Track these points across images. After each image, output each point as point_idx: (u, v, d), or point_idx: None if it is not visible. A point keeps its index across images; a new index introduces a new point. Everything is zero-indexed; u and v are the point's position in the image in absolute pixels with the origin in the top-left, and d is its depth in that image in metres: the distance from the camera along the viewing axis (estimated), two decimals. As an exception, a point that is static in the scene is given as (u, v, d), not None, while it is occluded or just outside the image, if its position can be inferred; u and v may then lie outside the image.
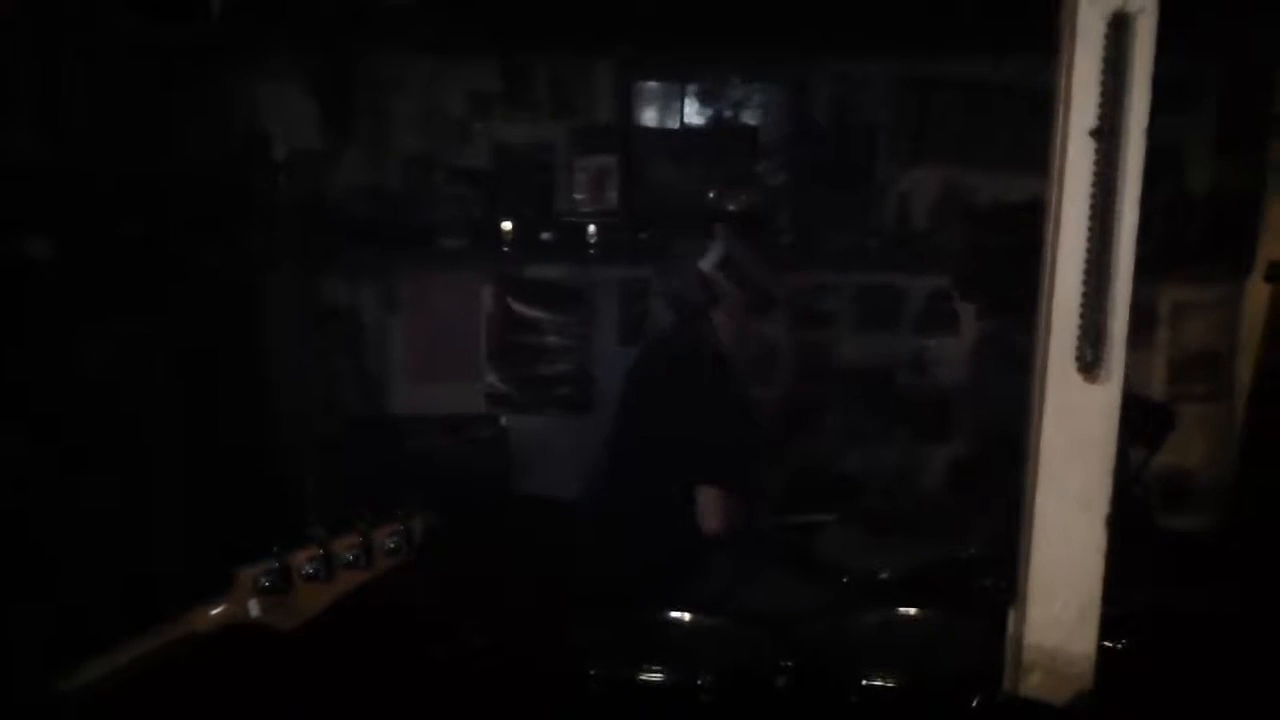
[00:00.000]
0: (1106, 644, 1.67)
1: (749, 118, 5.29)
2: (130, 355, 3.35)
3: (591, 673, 2.27)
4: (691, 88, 5.25)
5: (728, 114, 5.26)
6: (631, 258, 4.99)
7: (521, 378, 5.14)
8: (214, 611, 1.52)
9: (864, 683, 2.28)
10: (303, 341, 4.66)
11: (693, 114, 5.27)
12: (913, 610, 2.55)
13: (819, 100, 5.23)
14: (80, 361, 3.00)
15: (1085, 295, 1.64)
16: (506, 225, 4.96)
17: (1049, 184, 1.71)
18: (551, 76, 5.17)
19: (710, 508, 2.83)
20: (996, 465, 4.05)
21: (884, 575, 2.85)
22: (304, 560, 1.58)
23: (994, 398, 4.59)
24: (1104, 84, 1.58)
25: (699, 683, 2.30)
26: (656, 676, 2.33)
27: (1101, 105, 1.60)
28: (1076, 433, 1.68)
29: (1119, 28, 1.56)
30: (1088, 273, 1.62)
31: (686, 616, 2.57)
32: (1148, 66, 1.58)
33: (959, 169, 5.13)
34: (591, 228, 5.00)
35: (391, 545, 1.62)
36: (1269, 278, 3.89)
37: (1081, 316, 1.65)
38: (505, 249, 4.96)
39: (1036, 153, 4.41)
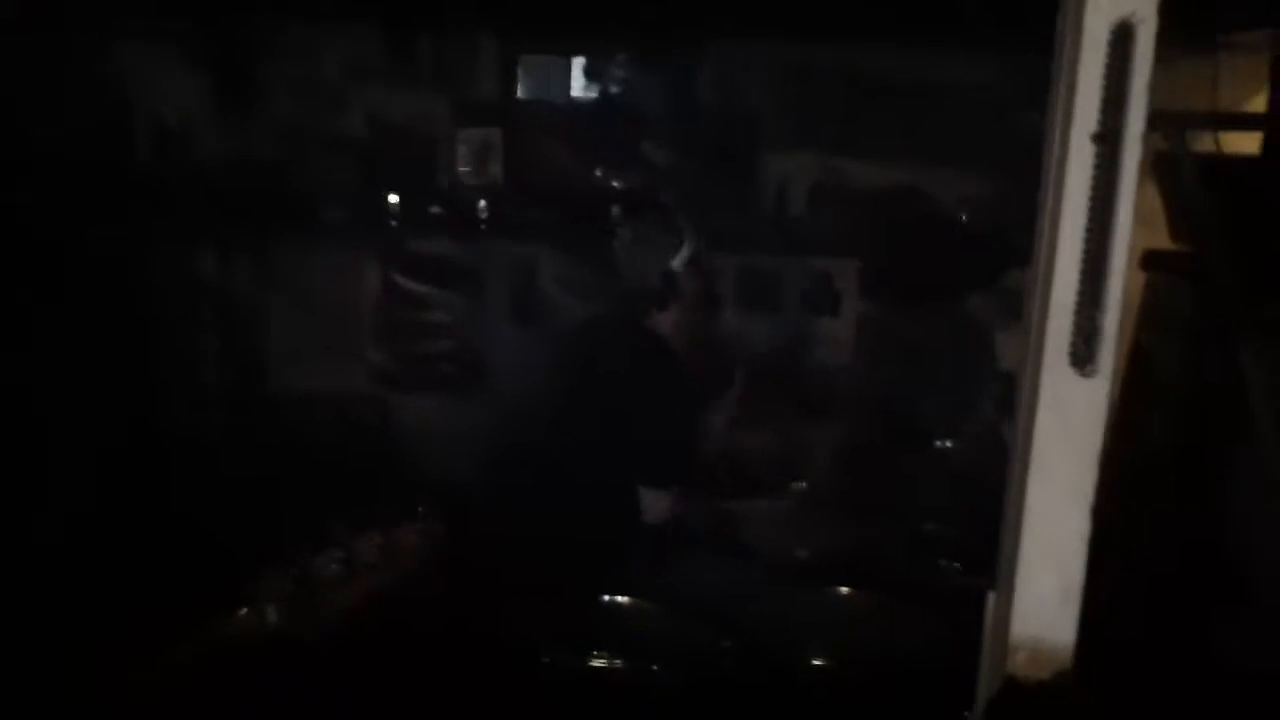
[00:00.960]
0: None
1: (635, 97, 5.29)
2: (12, 337, 3.16)
3: (544, 660, 2.26)
4: (577, 63, 5.23)
5: (614, 91, 5.26)
6: (519, 235, 4.95)
7: (407, 355, 5.04)
8: (236, 617, 1.46)
9: (812, 663, 2.34)
10: (182, 320, 4.46)
11: (579, 90, 5.25)
12: (849, 590, 2.62)
13: (704, 82, 5.27)
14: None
15: (1081, 294, 1.69)
16: (393, 199, 4.85)
17: (1044, 186, 1.75)
18: (434, 47, 5.08)
19: (653, 497, 2.85)
20: (882, 446, 4.21)
21: (802, 555, 2.92)
22: (325, 563, 1.53)
23: (876, 379, 4.73)
24: (1106, 91, 1.63)
25: (653, 668, 2.32)
26: (605, 663, 2.34)
27: (1103, 111, 1.65)
28: (1067, 424, 1.74)
29: (1122, 37, 1.61)
30: (1084, 272, 1.68)
31: (627, 601, 2.58)
32: (1147, 74, 1.64)
33: (836, 156, 5.24)
34: (482, 203, 4.93)
35: (412, 542, 1.58)
36: (1144, 265, 4.11)
37: (1077, 314, 1.70)
38: (392, 223, 4.84)
39: (910, 141, 4.59)
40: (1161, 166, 4.01)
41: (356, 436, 4.88)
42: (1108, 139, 1.64)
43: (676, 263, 3.01)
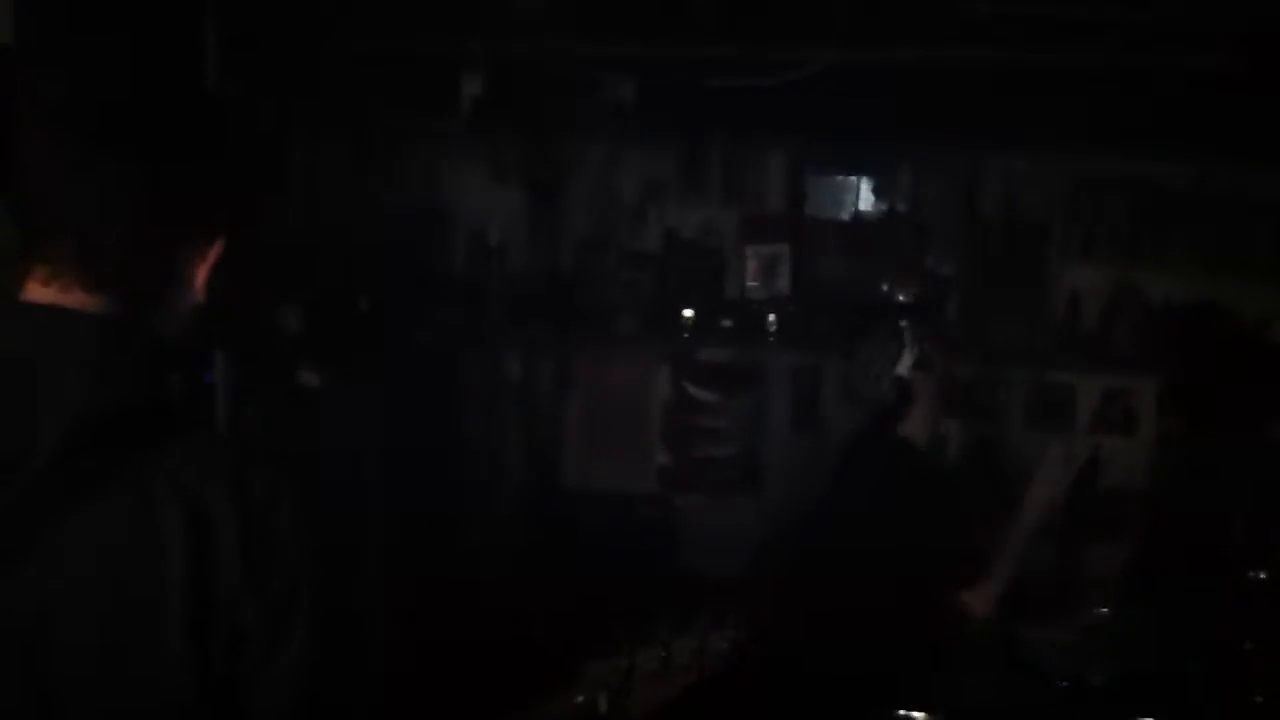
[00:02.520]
0: None
1: (919, 210, 5.36)
2: (350, 424, 3.50)
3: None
4: (863, 179, 5.36)
5: (899, 206, 5.34)
6: (803, 345, 5.08)
7: (693, 458, 5.21)
8: (572, 703, 1.59)
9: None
10: (487, 414, 4.80)
11: (864, 204, 5.37)
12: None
13: (989, 194, 5.29)
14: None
15: None
16: (686, 311, 5.08)
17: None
18: (725, 164, 5.32)
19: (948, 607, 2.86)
20: (1174, 571, 4.02)
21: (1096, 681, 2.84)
22: (647, 658, 1.64)
23: (1177, 503, 4.54)
24: None
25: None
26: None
27: None
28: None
29: None
30: None
31: (921, 716, 2.60)
32: None
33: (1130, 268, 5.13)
34: (770, 316, 5.10)
35: (722, 649, 1.67)
36: None
37: None
38: (685, 334, 5.07)
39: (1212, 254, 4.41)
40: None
41: (646, 534, 5.06)
42: None
43: (901, 369, 3.02)
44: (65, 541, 1.09)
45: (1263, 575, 3.09)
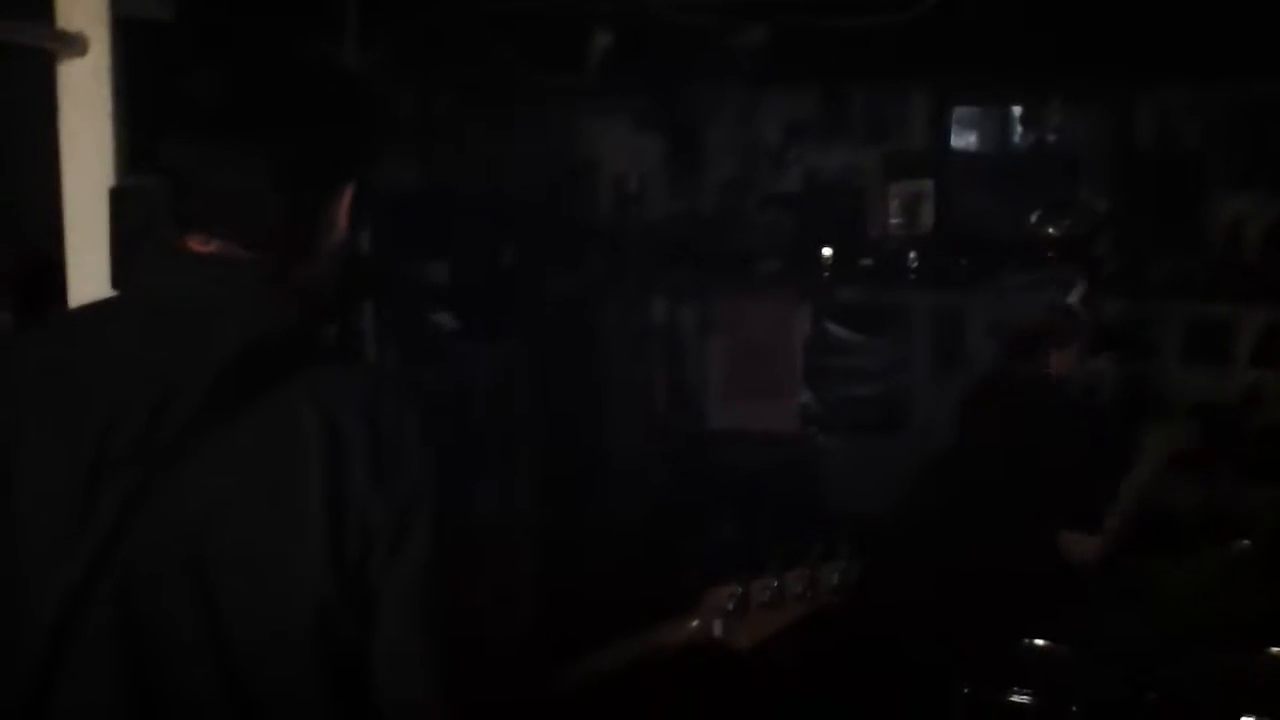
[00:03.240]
0: None
1: (1069, 143, 5.24)
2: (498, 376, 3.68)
3: (965, 691, 2.39)
4: (1009, 112, 5.27)
5: (1049, 138, 5.24)
6: (947, 283, 5.05)
7: (836, 398, 5.26)
8: (687, 627, 1.70)
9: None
10: (632, 359, 4.95)
11: (1011, 138, 5.28)
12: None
13: (1142, 125, 5.14)
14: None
15: None
16: (826, 251, 5.11)
17: None
18: (868, 103, 5.30)
19: (1075, 545, 2.88)
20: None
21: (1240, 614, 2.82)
22: (761, 588, 1.73)
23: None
24: None
25: (1072, 709, 2.38)
26: (1026, 699, 2.43)
27: None
28: None
29: None
30: None
31: (1048, 644, 2.64)
32: None
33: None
34: (911, 254, 5.08)
35: (835, 581, 1.75)
36: None
37: None
38: (825, 273, 5.10)
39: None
40: None
41: (785, 472, 5.15)
42: None
43: (1073, 297, 3.00)
44: (223, 451, 1.27)
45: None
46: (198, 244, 1.36)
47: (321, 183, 1.40)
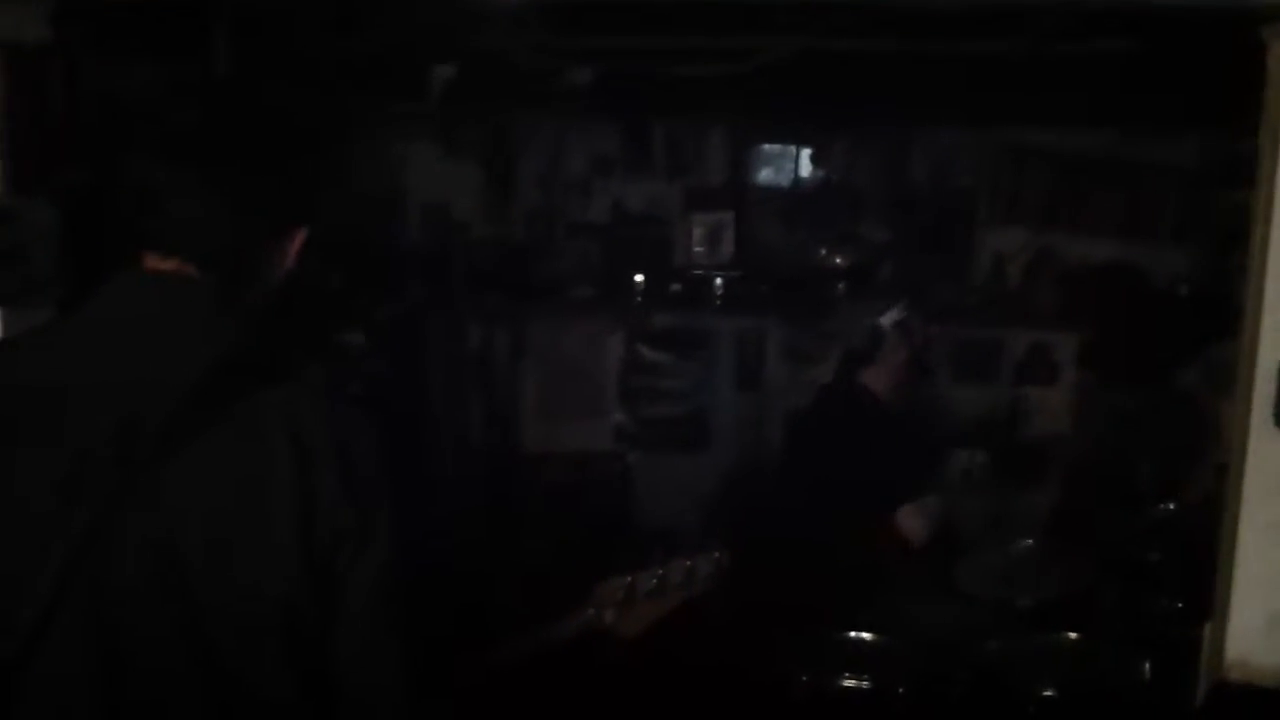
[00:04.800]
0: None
1: (853, 179, 5.66)
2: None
3: (803, 679, 2.64)
4: (802, 150, 5.65)
5: (834, 176, 5.65)
6: (748, 309, 5.38)
7: (646, 418, 5.50)
8: (584, 615, 1.88)
9: (1043, 694, 2.63)
10: (452, 382, 5.05)
11: (802, 175, 5.66)
12: (1076, 635, 2.90)
13: (919, 163, 5.61)
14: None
15: (1282, 361, 1.97)
16: (638, 277, 5.36)
17: (1250, 266, 2.04)
18: (672, 140, 5.58)
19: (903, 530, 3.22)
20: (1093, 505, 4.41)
21: (1026, 603, 3.19)
22: (647, 578, 1.93)
23: (1090, 445, 4.94)
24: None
25: (898, 691, 2.66)
26: (856, 684, 2.70)
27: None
28: (1270, 474, 2.02)
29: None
30: (1285, 342, 1.96)
31: (869, 635, 2.93)
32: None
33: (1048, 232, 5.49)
34: (718, 280, 5.39)
35: (710, 571, 1.97)
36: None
37: (1279, 383, 1.98)
38: (638, 298, 5.34)
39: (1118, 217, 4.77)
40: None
41: (599, 489, 5.35)
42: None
43: (885, 320, 3.36)
44: (195, 459, 1.37)
45: (1172, 506, 3.48)
46: (154, 261, 1.46)
47: (277, 217, 1.52)
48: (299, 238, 1.54)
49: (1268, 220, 1.99)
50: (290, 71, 3.12)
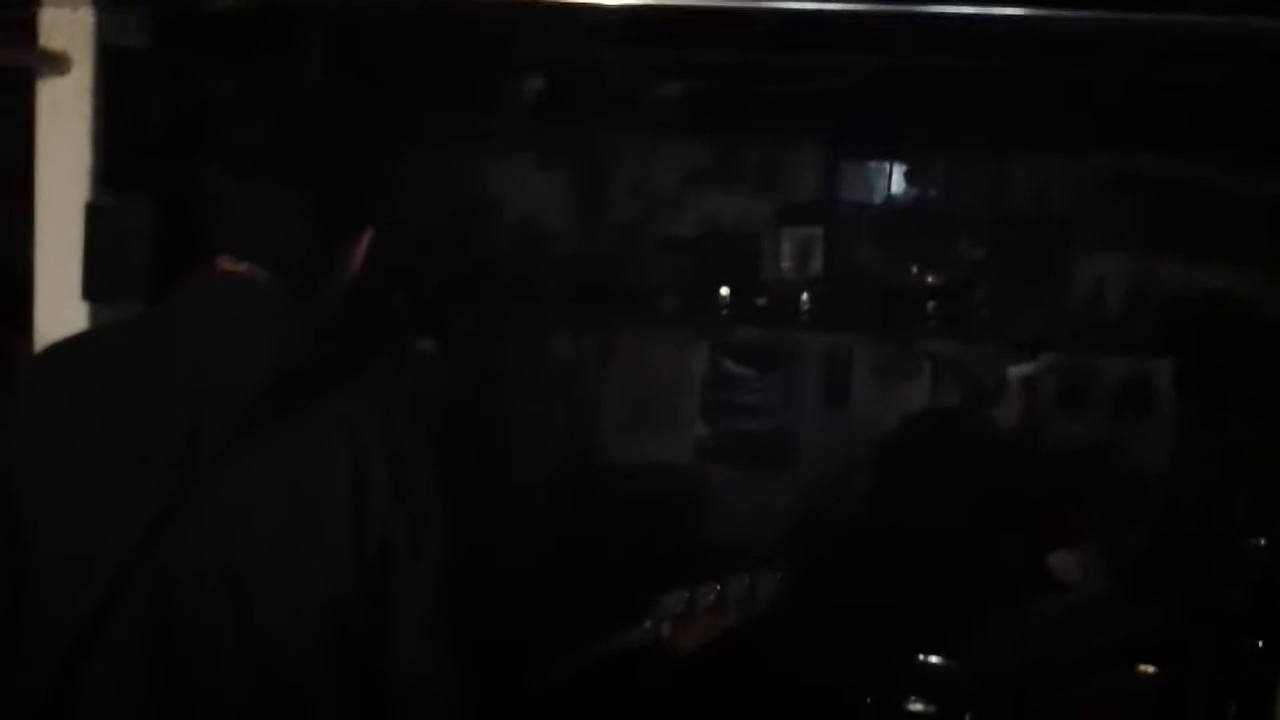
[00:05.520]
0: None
1: (948, 199, 5.59)
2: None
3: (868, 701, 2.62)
4: (895, 166, 5.59)
5: (930, 193, 5.58)
6: (835, 325, 5.34)
7: (728, 433, 5.48)
8: (640, 629, 1.88)
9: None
10: (537, 393, 5.11)
11: (896, 193, 5.61)
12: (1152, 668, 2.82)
13: (1017, 185, 5.52)
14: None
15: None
16: (724, 290, 5.36)
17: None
18: (761, 154, 5.56)
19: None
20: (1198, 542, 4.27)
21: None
22: (705, 593, 1.92)
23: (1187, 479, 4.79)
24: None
25: (966, 716, 2.61)
26: (922, 708, 2.66)
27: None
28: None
29: None
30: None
31: (936, 659, 2.88)
32: None
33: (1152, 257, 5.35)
34: (804, 295, 5.36)
35: (771, 588, 1.95)
36: None
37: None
38: (723, 311, 5.34)
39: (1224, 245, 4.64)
40: None
41: (680, 503, 5.34)
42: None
43: (1015, 371, 3.33)
44: (256, 464, 1.41)
45: (1263, 541, 3.36)
46: (228, 264, 1.50)
47: (347, 222, 1.55)
48: (366, 241, 1.57)
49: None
50: (379, 80, 3.20)
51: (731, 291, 5.42)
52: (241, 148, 1.50)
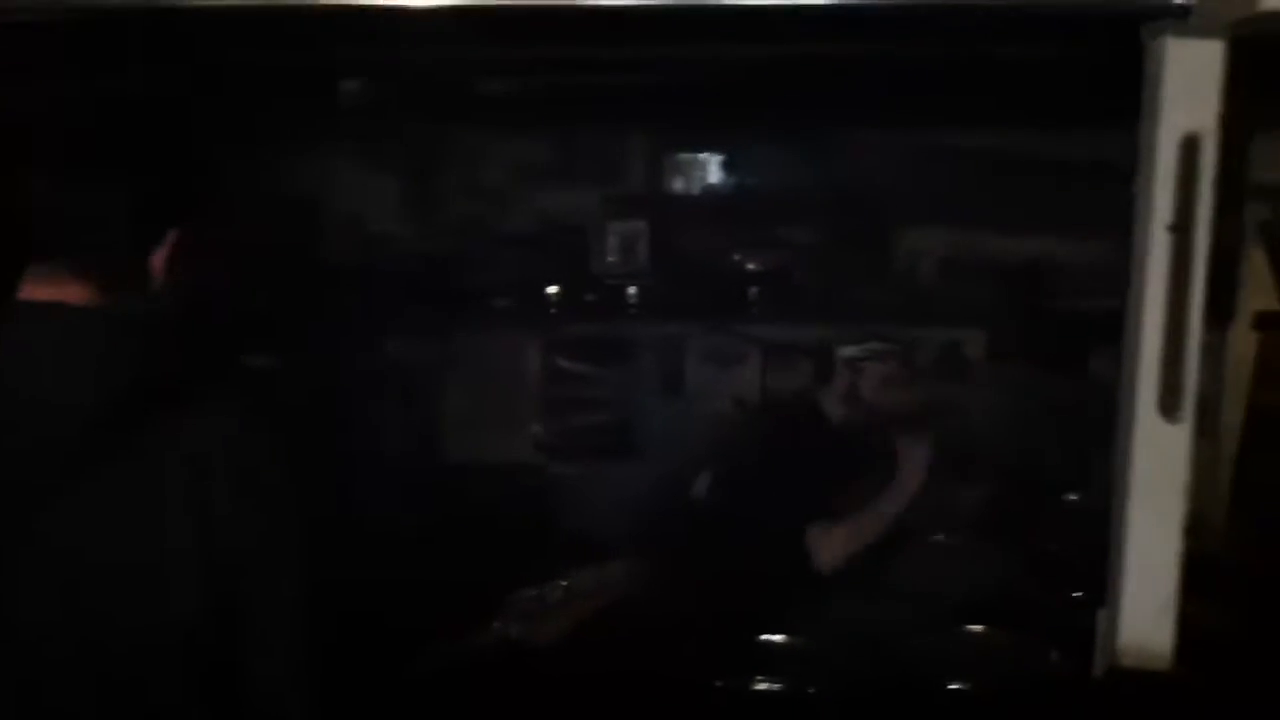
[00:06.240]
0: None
1: (767, 184, 5.71)
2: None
3: (718, 684, 2.67)
4: (717, 156, 5.69)
5: (750, 180, 5.69)
6: (665, 316, 5.41)
7: (567, 429, 5.50)
8: (491, 628, 1.89)
9: (955, 687, 2.69)
10: (373, 396, 5.02)
11: (718, 180, 5.70)
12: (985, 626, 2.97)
13: (834, 167, 5.67)
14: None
15: (1165, 353, 2.05)
16: (552, 288, 5.37)
17: (1133, 267, 2.12)
18: (584, 148, 5.59)
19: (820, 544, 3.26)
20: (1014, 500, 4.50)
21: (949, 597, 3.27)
22: (554, 589, 1.95)
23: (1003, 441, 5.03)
24: (1178, 192, 2.01)
25: (809, 692, 2.70)
26: (768, 687, 2.73)
27: (1176, 206, 2.03)
28: (1160, 461, 2.09)
29: (1190, 146, 2.00)
30: (1167, 335, 2.04)
31: (781, 637, 2.96)
32: (1211, 174, 2.02)
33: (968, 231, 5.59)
34: (632, 289, 5.41)
35: (616, 580, 1.99)
36: (1257, 326, 4.37)
37: (1162, 371, 2.06)
38: (553, 310, 5.35)
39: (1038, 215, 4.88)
40: (1267, 233, 4.31)
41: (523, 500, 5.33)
42: (1180, 229, 2.01)
43: (843, 352, 3.45)
44: (96, 489, 1.36)
45: (1074, 497, 3.57)
46: (37, 290, 1.44)
47: (161, 219, 1.52)
48: (171, 240, 1.53)
49: (1147, 214, 2.06)
50: (201, 83, 3.11)
51: (561, 288, 5.43)
52: (56, 155, 1.45)
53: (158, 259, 1.55)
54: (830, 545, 3.27)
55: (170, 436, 1.40)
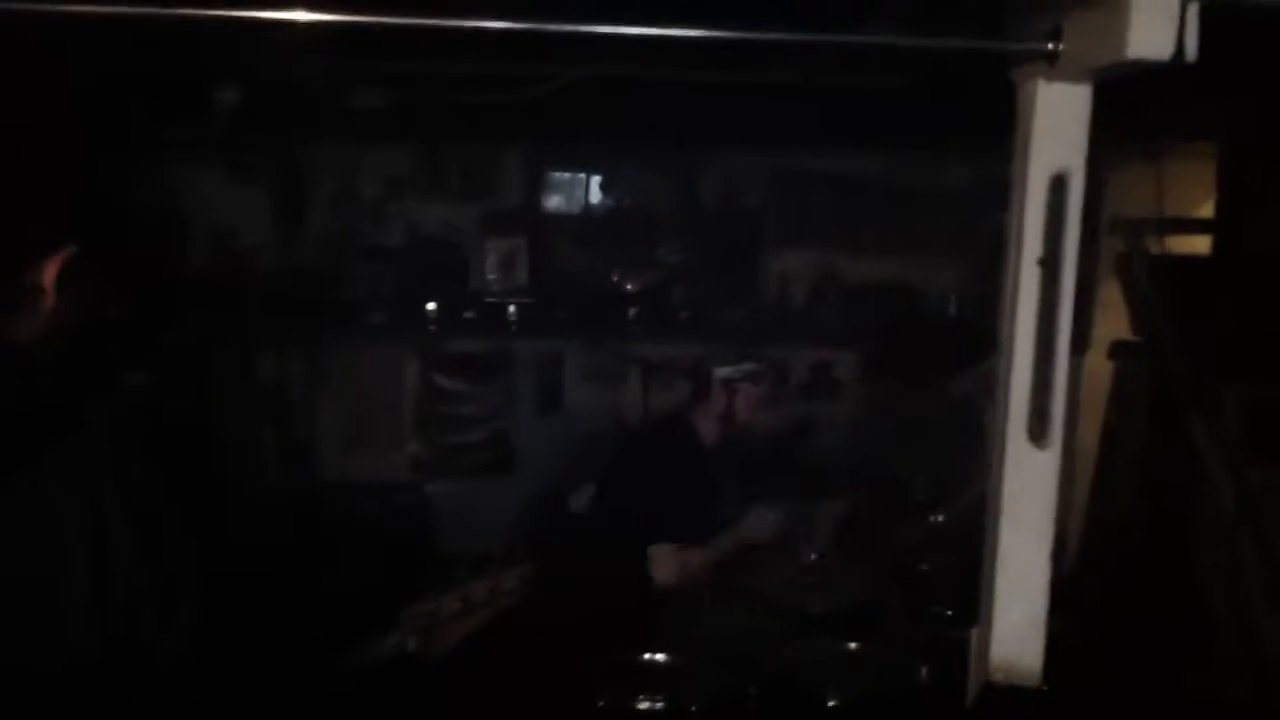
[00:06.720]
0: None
1: (644, 204, 5.78)
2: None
3: (599, 704, 2.68)
4: (592, 176, 5.73)
5: (626, 201, 5.75)
6: (544, 333, 5.42)
7: (446, 446, 5.45)
8: (390, 641, 1.88)
9: (830, 703, 2.75)
10: (246, 412, 4.91)
11: (596, 200, 5.75)
12: (858, 643, 3.04)
13: (708, 188, 5.78)
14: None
15: (1035, 382, 2.14)
16: (430, 305, 5.32)
17: (1006, 298, 2.20)
18: (466, 164, 5.57)
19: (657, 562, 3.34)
20: (883, 518, 4.62)
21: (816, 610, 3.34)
22: (450, 601, 1.95)
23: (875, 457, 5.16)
24: (1047, 227, 2.10)
25: (691, 709, 2.72)
26: (649, 705, 2.74)
27: (1046, 241, 2.12)
28: (1029, 483, 2.18)
29: (1057, 186, 2.09)
30: (1037, 364, 2.13)
31: (661, 656, 2.98)
32: (1078, 211, 2.11)
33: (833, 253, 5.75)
34: (511, 307, 5.40)
35: (511, 586, 2.00)
36: (1112, 355, 4.60)
37: (1032, 399, 2.14)
38: (431, 326, 5.30)
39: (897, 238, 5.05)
40: (1121, 266, 4.55)
41: (400, 518, 5.27)
42: (1049, 263, 2.10)
43: (719, 372, 3.49)
44: None
45: (940, 518, 3.70)
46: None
47: (40, 244, 1.47)
48: (60, 260, 1.49)
49: (1019, 242, 2.13)
50: (65, 94, 3.00)
51: (438, 304, 5.39)
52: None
53: (48, 279, 1.50)
54: (664, 566, 3.37)
55: (64, 469, 1.36)
